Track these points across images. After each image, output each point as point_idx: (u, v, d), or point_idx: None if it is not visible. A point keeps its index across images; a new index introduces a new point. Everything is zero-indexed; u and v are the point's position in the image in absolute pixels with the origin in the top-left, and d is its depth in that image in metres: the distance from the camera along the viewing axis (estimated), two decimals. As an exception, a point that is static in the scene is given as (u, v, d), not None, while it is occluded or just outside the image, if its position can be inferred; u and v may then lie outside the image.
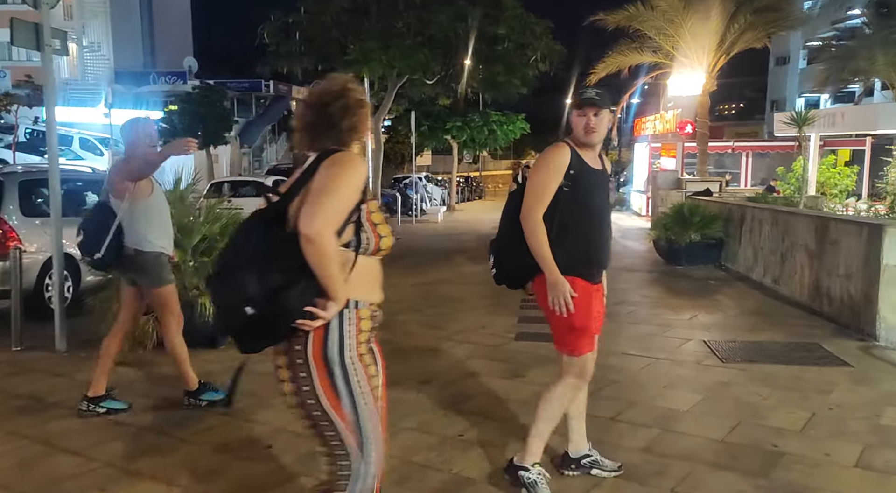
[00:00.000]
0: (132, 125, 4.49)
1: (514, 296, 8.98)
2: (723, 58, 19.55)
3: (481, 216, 24.59)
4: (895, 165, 13.97)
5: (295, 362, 2.16)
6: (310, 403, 2.18)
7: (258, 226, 2.12)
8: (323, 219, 2.00)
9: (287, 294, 2.01)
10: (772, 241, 8.90)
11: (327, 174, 2.08)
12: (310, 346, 2.14)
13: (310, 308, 2.05)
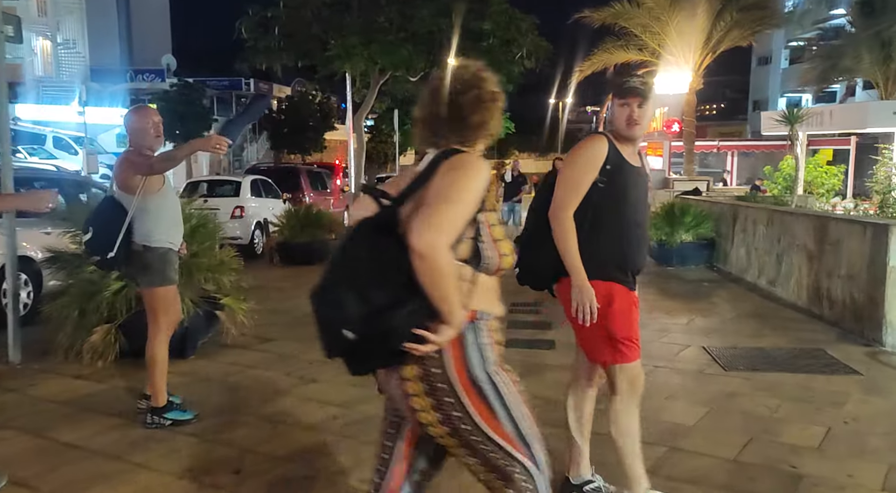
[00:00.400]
0: (138, 114, 4.12)
1: (504, 298, 8.56)
2: (709, 56, 19.38)
3: (466, 216, 24.26)
4: (884, 164, 13.78)
5: (436, 388, 1.89)
6: (465, 428, 1.92)
7: (364, 237, 1.84)
8: (437, 231, 1.72)
9: (392, 315, 1.76)
10: (767, 241, 8.63)
11: (447, 179, 1.81)
12: (450, 368, 1.89)
13: (419, 331, 1.78)
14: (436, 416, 1.91)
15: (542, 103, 69.03)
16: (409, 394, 1.92)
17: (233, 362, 5.53)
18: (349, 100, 18.27)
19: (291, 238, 11.58)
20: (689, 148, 19.70)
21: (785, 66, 48.97)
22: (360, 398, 4.63)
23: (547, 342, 6.13)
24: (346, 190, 19.22)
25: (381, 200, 1.88)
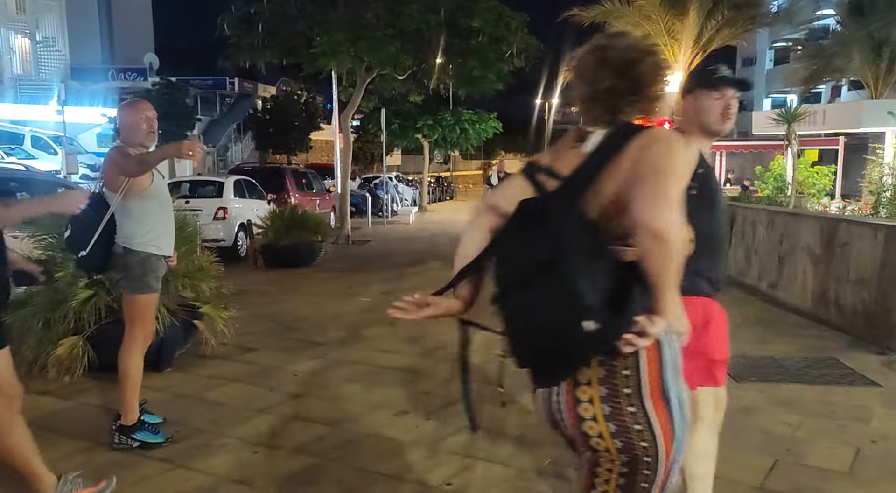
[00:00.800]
0: (130, 108, 3.79)
1: None
2: (700, 55, 19.19)
3: (453, 217, 23.93)
4: (878, 164, 13.62)
5: (618, 393, 1.66)
6: (644, 445, 1.66)
7: (555, 219, 1.61)
8: (671, 209, 1.57)
9: (628, 304, 1.56)
10: (768, 243, 8.37)
11: (655, 154, 1.63)
12: (644, 370, 1.66)
13: (641, 320, 1.54)
14: (607, 427, 1.65)
15: (528, 103, 68.93)
16: (578, 400, 1.68)
17: (212, 374, 5.17)
18: (335, 99, 17.92)
19: (276, 240, 11.20)
20: (679, 148, 19.46)
21: (770, 67, 49.22)
22: (349, 415, 4.30)
23: None
24: (332, 191, 18.84)
25: (538, 179, 1.74)
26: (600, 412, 1.66)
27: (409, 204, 26.81)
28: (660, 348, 1.66)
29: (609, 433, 1.66)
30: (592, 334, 1.52)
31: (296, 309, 7.82)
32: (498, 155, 63.88)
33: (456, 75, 14.78)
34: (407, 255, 12.96)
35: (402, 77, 15.89)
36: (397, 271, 10.73)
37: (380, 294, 8.71)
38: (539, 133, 69.99)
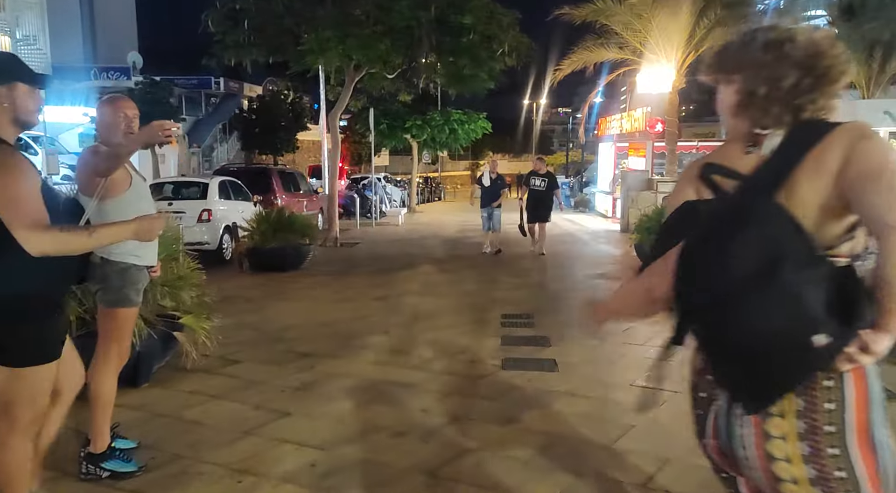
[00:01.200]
0: (109, 106, 3.46)
1: (493, 310, 8.08)
2: (692, 54, 18.94)
3: (443, 218, 23.62)
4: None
5: (821, 432, 1.44)
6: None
7: (775, 219, 1.42)
8: None
9: (855, 316, 1.37)
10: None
11: (873, 149, 1.49)
12: (850, 405, 1.45)
13: (866, 336, 1.36)
14: (805, 471, 1.42)
15: (516, 104, 68.84)
16: (769, 435, 1.45)
17: (192, 390, 4.82)
18: (322, 98, 17.54)
19: (262, 243, 10.84)
20: (671, 148, 19.28)
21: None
22: (343, 437, 3.97)
23: (548, 363, 5.51)
24: (320, 191, 18.47)
25: (714, 180, 1.62)
26: (797, 452, 1.44)
27: (397, 205, 26.48)
28: (867, 379, 1.45)
29: (807, 479, 1.43)
30: (822, 350, 1.35)
31: (283, 317, 7.48)
32: (486, 156, 63.77)
33: (446, 74, 14.48)
34: (398, 258, 12.63)
35: (391, 76, 15.58)
36: (388, 275, 10.40)
37: (371, 300, 8.39)
38: (527, 133, 70.01)
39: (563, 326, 6.86)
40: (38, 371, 2.49)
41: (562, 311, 7.79)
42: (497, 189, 12.59)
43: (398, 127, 25.40)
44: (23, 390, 2.47)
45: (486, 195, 12.61)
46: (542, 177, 12.54)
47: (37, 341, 2.49)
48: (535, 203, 12.44)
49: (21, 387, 2.46)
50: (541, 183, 12.44)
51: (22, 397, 2.47)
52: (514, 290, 9.12)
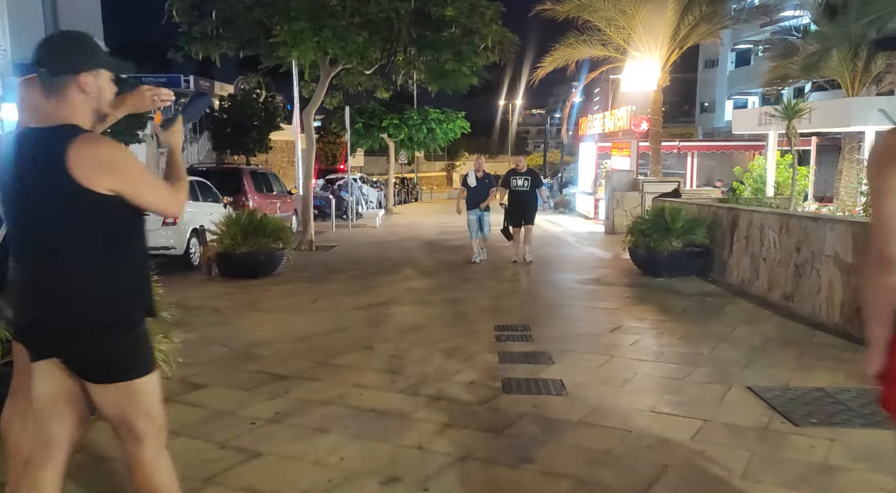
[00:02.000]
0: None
1: (485, 321, 7.46)
2: (676, 51, 18.55)
3: (422, 220, 22.96)
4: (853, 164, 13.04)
5: None
6: None
7: None
8: None
9: None
10: (781, 250, 7.60)
11: None
12: None
13: None
14: None
15: (491, 104, 68.45)
16: None
17: (147, 424, 4.11)
18: (296, 95, 16.79)
19: (232, 248, 10.10)
20: (655, 148, 18.82)
21: (732, 69, 49.52)
22: (323, 486, 3.30)
23: (554, 384, 4.90)
24: (294, 192, 17.70)
25: None
26: None
27: (374, 206, 25.78)
28: None
29: None
30: None
31: (254, 330, 6.78)
32: (462, 156, 63.34)
33: (427, 69, 13.83)
34: (377, 262, 11.95)
35: (368, 72, 14.90)
36: (368, 282, 9.72)
37: (351, 310, 7.71)
38: (503, 134, 69.59)
39: (564, 339, 6.26)
40: (146, 383, 2.24)
41: (559, 321, 7.18)
42: (485, 189, 11.33)
43: (374, 126, 24.71)
44: (137, 403, 2.22)
45: (473, 197, 11.36)
46: (523, 176, 11.45)
47: (140, 349, 2.24)
48: (520, 205, 11.38)
49: (134, 402, 2.21)
50: (523, 182, 11.38)
51: (138, 411, 2.23)
52: (504, 298, 8.50)
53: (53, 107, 2.14)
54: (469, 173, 11.62)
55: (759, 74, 43.25)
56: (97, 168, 2.05)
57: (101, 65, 2.20)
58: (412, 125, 24.67)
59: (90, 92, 2.16)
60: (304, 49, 12.05)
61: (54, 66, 2.13)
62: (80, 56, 2.17)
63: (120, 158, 2.10)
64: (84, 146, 2.05)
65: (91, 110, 2.20)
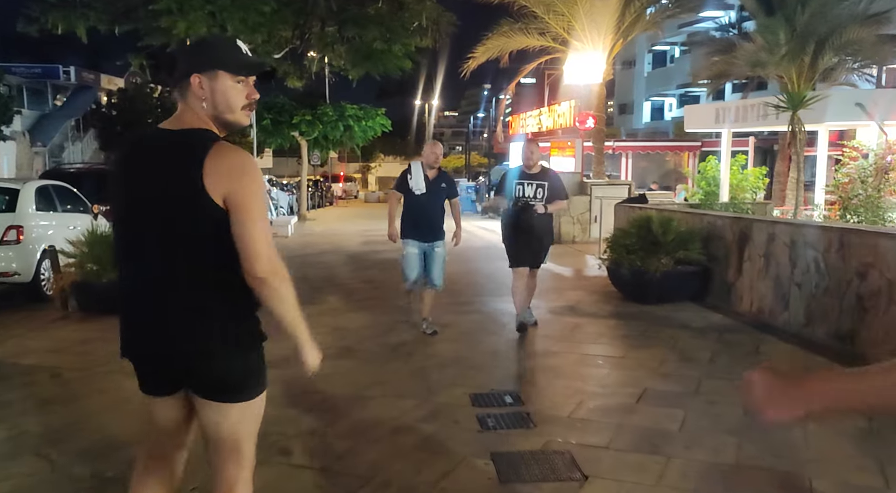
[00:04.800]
0: None
1: (452, 382, 4.90)
2: (620, 41, 17.04)
3: (342, 227, 20.60)
4: (844, 165, 11.77)
5: None
6: None
7: None
8: None
9: None
10: (830, 275, 5.85)
11: None
12: None
13: None
14: None
15: (406, 104, 66.48)
16: None
17: None
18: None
19: (97, 275, 7.56)
20: (598, 147, 17.24)
21: (649, 70, 49.56)
22: None
23: (569, 471, 2.86)
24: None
25: None
26: None
27: (285, 212, 23.18)
28: None
29: None
30: None
31: (112, 413, 4.40)
32: (377, 158, 60.98)
33: (351, 50, 11.59)
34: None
35: (277, 55, 12.53)
36: (280, 318, 7.42)
37: (270, 356, 5.43)
38: (420, 135, 67.61)
39: (577, 421, 4.24)
40: (263, 399, 2.19)
41: (555, 382, 5.14)
42: (441, 200, 6.46)
43: (284, 123, 22.12)
44: (250, 423, 2.16)
45: (419, 213, 6.41)
46: (535, 180, 6.38)
47: (261, 366, 2.18)
48: (529, 231, 6.36)
49: (249, 421, 2.15)
50: (535, 191, 6.34)
51: (249, 432, 2.17)
52: (467, 341, 6.41)
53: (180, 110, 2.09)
54: (413, 168, 6.46)
55: (676, 76, 43.34)
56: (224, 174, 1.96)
57: (218, 66, 2.04)
58: (327, 122, 22.22)
59: (202, 96, 2.03)
60: (194, 20, 9.61)
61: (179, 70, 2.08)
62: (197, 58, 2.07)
63: (251, 167, 2.02)
64: (219, 153, 1.97)
65: (209, 116, 2.06)
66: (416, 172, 6.41)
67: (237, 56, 2.06)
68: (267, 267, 1.97)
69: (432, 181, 6.42)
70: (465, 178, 35.01)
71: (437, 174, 6.49)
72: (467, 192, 27.64)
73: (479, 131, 62.19)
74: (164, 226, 1.98)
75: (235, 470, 2.15)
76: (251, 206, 1.96)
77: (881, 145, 11.37)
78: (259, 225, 1.98)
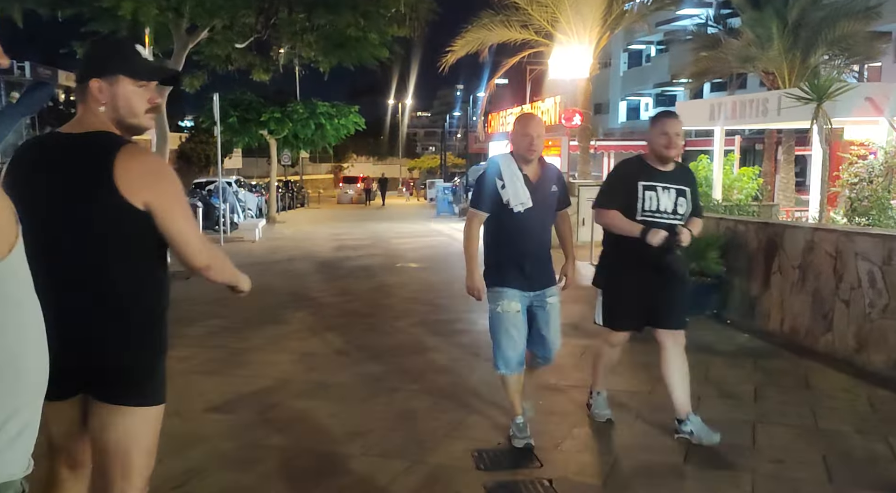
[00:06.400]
0: None
1: (449, 430, 4.14)
2: (607, 34, 16.20)
3: (313, 230, 19.51)
4: (851, 164, 11.00)
5: None
6: None
7: None
8: None
9: None
10: (888, 291, 4.97)
11: None
12: None
13: None
14: None
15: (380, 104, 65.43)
16: None
17: None
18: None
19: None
20: (584, 146, 16.37)
21: (625, 70, 49.21)
22: None
23: None
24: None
25: None
26: None
27: (253, 215, 21.99)
28: None
29: None
30: None
31: None
32: (350, 158, 59.77)
33: (322, 37, 10.52)
34: (253, 298, 8.49)
35: (241, 45, 11.43)
36: (235, 341, 6.35)
37: (204, 411, 4.40)
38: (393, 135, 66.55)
39: (610, 485, 3.27)
40: (160, 412, 2.14)
41: (574, 430, 4.18)
42: (550, 213, 3.91)
43: (252, 120, 20.96)
44: (145, 435, 2.10)
45: (523, 241, 3.78)
46: (672, 183, 3.83)
47: (163, 374, 2.16)
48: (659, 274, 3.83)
49: (143, 431, 2.09)
50: (673, 203, 3.82)
51: (142, 445, 2.09)
52: (456, 366, 5.43)
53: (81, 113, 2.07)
54: (503, 168, 3.76)
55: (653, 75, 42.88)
56: None
57: (119, 71, 2.02)
58: (297, 120, 21.12)
59: (102, 100, 2.02)
60: (142, 1, 8.48)
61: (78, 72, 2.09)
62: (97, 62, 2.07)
63: (166, 171, 2.07)
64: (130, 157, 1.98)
65: (111, 121, 2.03)
66: (508, 173, 3.69)
67: (138, 61, 2.06)
68: (205, 257, 2.06)
69: (537, 185, 3.73)
70: (441, 179, 34.06)
71: (541, 172, 3.79)
72: (444, 193, 26.70)
73: (453, 132, 61.31)
74: (71, 228, 1.96)
75: (122, 483, 2.06)
76: (175, 207, 2.00)
77: (891, 143, 10.64)
78: (186, 223, 2.03)
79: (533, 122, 3.83)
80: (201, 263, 2.05)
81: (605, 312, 4.05)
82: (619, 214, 3.79)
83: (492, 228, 3.83)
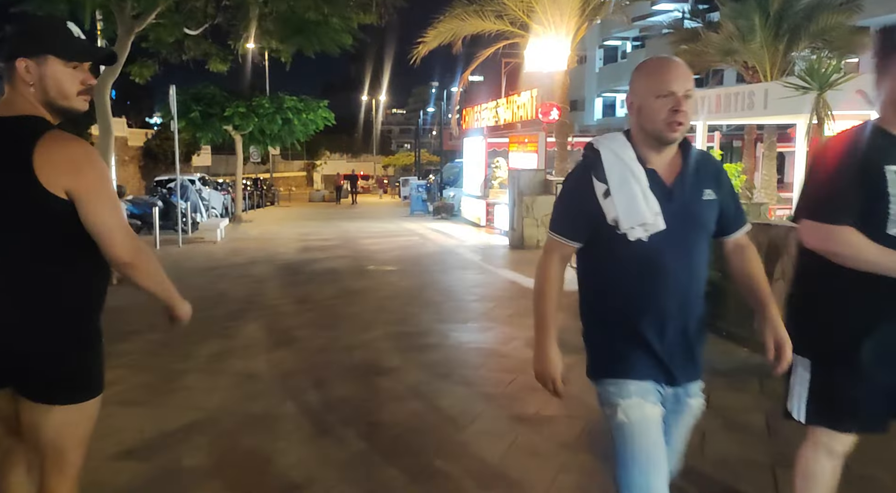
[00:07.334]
0: None
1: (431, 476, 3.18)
2: (585, 25, 15.56)
3: (279, 230, 18.65)
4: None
5: None
6: None
7: None
8: None
9: None
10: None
11: None
12: None
13: None
14: None
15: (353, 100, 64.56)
16: None
17: None
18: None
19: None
20: (562, 142, 15.74)
21: (600, 66, 48.92)
22: None
23: None
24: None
25: None
26: None
27: (218, 214, 21.08)
28: None
29: None
30: None
31: None
32: (322, 155, 58.75)
33: (280, 21, 9.71)
34: (204, 307, 7.67)
35: (194, 32, 10.58)
36: (176, 359, 5.57)
37: (108, 458, 3.63)
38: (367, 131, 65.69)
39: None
40: (95, 405, 2.10)
41: (568, 472, 3.48)
42: (704, 239, 2.16)
43: (215, 115, 20.03)
44: (78, 429, 2.07)
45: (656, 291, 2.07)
46: None
47: (97, 368, 2.10)
48: None
49: (77, 426, 2.06)
50: None
51: (75, 439, 2.07)
52: (425, 390, 4.71)
53: None
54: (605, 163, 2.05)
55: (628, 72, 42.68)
56: None
57: (47, 51, 1.93)
58: (263, 115, 20.24)
59: (29, 81, 1.93)
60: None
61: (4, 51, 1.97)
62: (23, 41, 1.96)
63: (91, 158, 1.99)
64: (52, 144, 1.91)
65: (40, 102, 1.95)
66: (618, 169, 2.05)
67: (68, 40, 1.97)
68: (129, 250, 1.97)
69: (675, 189, 2.08)
70: (416, 176, 33.32)
71: (683, 165, 2.10)
72: (418, 191, 25.98)
73: (428, 129, 60.59)
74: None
75: (58, 478, 2.05)
76: (98, 196, 1.94)
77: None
78: (111, 213, 1.97)
79: (675, 68, 2.02)
80: (123, 257, 1.95)
81: (815, 400, 2.31)
82: (859, 233, 2.12)
83: (591, 269, 2.19)
